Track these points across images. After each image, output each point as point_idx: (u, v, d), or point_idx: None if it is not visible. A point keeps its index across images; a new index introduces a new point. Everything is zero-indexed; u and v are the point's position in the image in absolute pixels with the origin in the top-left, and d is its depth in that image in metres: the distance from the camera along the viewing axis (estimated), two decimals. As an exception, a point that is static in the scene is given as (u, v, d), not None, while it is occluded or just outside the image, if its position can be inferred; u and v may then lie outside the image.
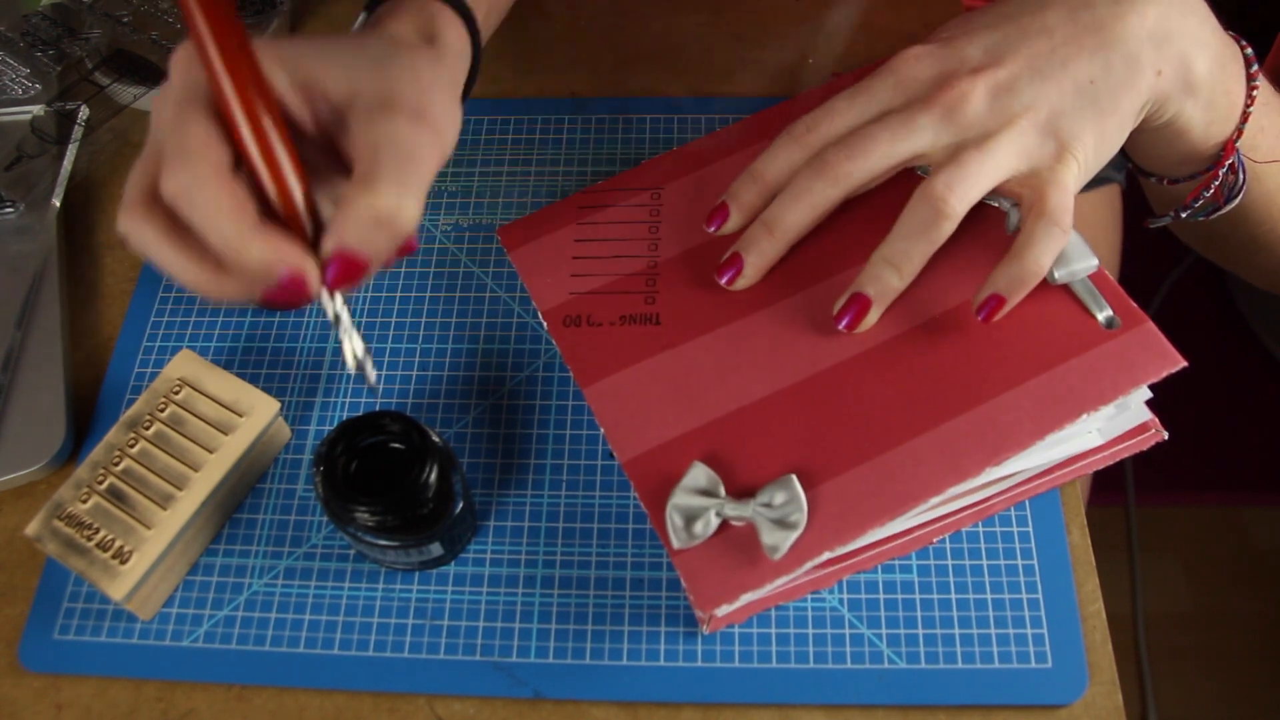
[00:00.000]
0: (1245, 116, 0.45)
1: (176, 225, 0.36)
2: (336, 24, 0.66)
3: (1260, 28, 0.62)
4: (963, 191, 0.42)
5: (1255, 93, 0.45)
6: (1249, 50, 0.46)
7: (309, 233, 0.36)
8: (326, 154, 0.38)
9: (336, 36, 0.40)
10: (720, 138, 0.53)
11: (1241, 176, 0.47)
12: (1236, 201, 0.48)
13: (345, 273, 0.36)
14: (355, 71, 0.37)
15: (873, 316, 0.44)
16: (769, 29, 0.63)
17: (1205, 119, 0.45)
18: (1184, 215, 0.50)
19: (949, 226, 0.42)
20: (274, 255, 0.34)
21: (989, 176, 0.42)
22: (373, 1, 0.44)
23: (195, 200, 0.34)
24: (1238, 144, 0.46)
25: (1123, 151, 0.49)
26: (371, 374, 0.38)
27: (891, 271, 0.43)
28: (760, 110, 0.53)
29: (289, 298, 0.36)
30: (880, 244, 0.43)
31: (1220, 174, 0.47)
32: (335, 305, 0.37)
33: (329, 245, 0.35)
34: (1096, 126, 0.42)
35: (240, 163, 0.36)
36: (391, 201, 0.35)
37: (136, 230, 0.36)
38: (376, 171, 0.35)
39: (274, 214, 0.36)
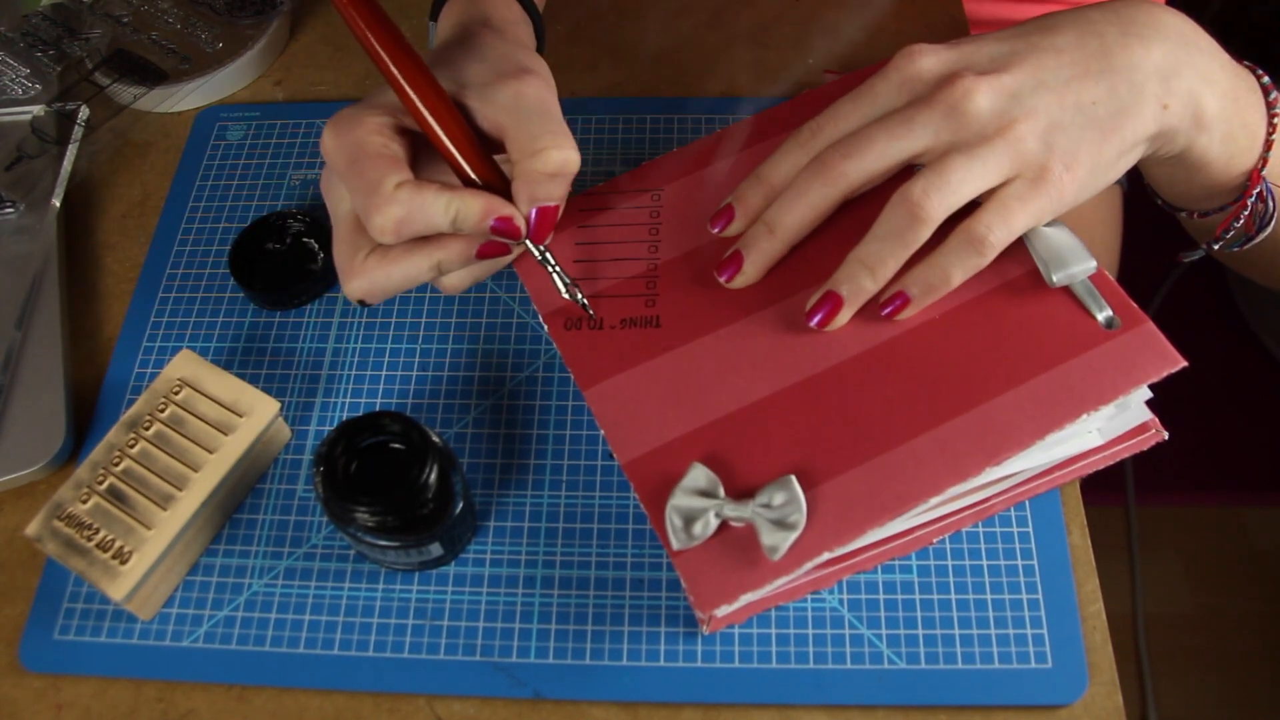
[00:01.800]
0: (1269, 145, 0.45)
1: (386, 252, 0.44)
2: (336, 24, 0.66)
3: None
4: (941, 198, 0.41)
5: (1277, 120, 0.45)
6: (1266, 79, 0.46)
7: (501, 192, 0.44)
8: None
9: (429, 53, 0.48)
10: (720, 138, 0.53)
11: (1272, 205, 0.47)
12: (1270, 230, 0.48)
13: (543, 223, 0.44)
14: (456, 67, 0.45)
15: (844, 316, 0.44)
16: (769, 29, 0.63)
17: (1225, 152, 0.44)
18: (1216, 247, 0.50)
19: (925, 231, 0.42)
20: (485, 205, 0.43)
21: (972, 184, 0.41)
22: (435, 9, 0.51)
23: (415, 214, 0.42)
24: (1264, 173, 0.46)
25: (1149, 186, 0.49)
26: (583, 299, 0.46)
27: (865, 273, 0.43)
28: (760, 110, 0.53)
29: (500, 246, 0.44)
30: (857, 245, 0.43)
31: (1249, 204, 0.47)
32: (541, 251, 0.46)
33: (524, 206, 0.44)
34: (1094, 147, 0.42)
35: (415, 167, 0.44)
36: (559, 156, 0.43)
37: (368, 281, 0.44)
38: (528, 135, 0.43)
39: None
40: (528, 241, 0.45)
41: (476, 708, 0.44)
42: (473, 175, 0.44)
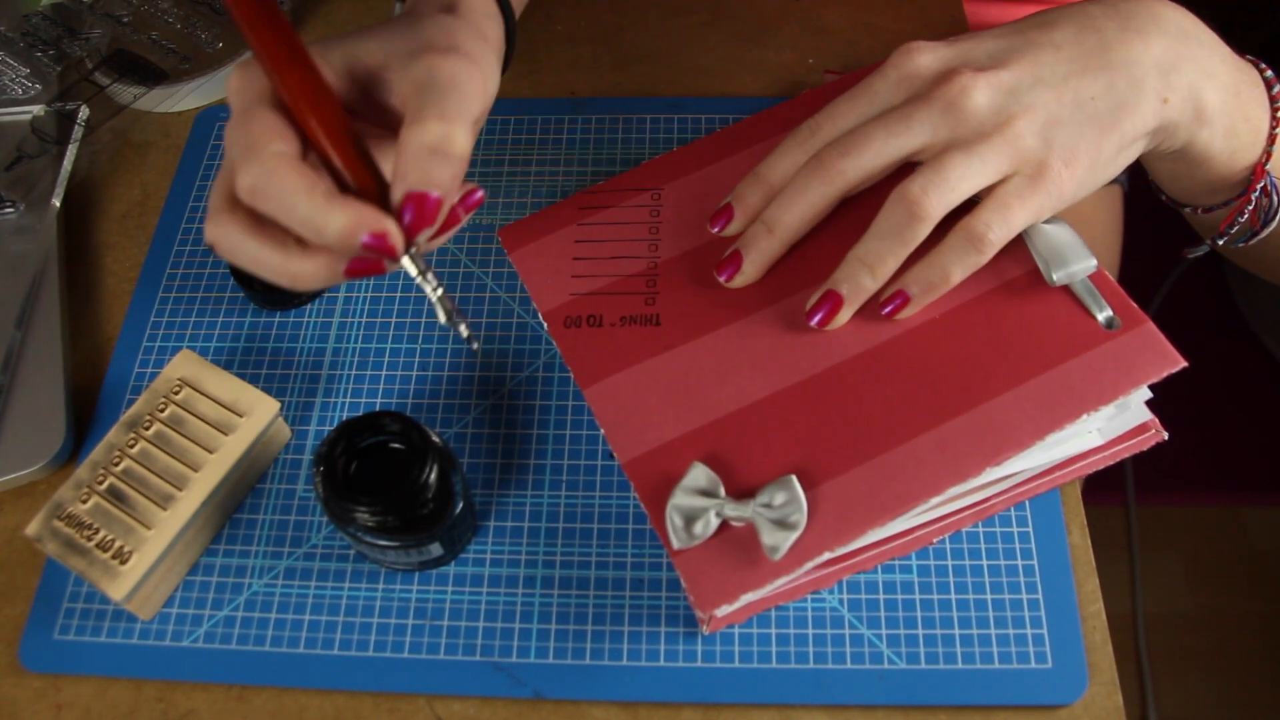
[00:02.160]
0: (1272, 139, 0.45)
1: (258, 221, 0.37)
2: (336, 24, 0.66)
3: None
4: (939, 195, 0.41)
5: None
6: (1269, 73, 0.46)
7: (380, 199, 0.37)
8: (380, 125, 0.40)
9: (372, 25, 0.43)
10: (720, 138, 0.53)
11: (1276, 199, 0.47)
12: (1275, 224, 0.48)
13: (419, 214, 0.36)
14: (388, 40, 0.40)
15: (844, 315, 0.44)
16: (769, 29, 0.63)
17: (1227, 147, 0.44)
18: (1220, 242, 0.49)
19: (924, 229, 0.42)
20: (355, 220, 0.35)
21: (971, 182, 0.41)
22: None
23: (270, 188, 0.36)
24: (1267, 167, 0.46)
25: (1153, 182, 0.49)
26: (465, 330, 0.39)
27: (865, 272, 0.43)
28: (760, 110, 0.53)
29: (374, 263, 0.37)
30: (856, 243, 0.43)
31: (1253, 198, 0.46)
32: (419, 265, 0.38)
33: (396, 193, 0.36)
34: (1093, 143, 0.42)
35: (308, 151, 0.38)
36: (439, 130, 0.36)
37: (222, 233, 0.38)
38: (421, 106, 0.37)
39: (347, 190, 0.37)
40: (406, 261, 0.37)
41: (476, 708, 0.44)
42: (348, 177, 0.37)
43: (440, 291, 0.39)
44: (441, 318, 0.39)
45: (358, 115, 0.40)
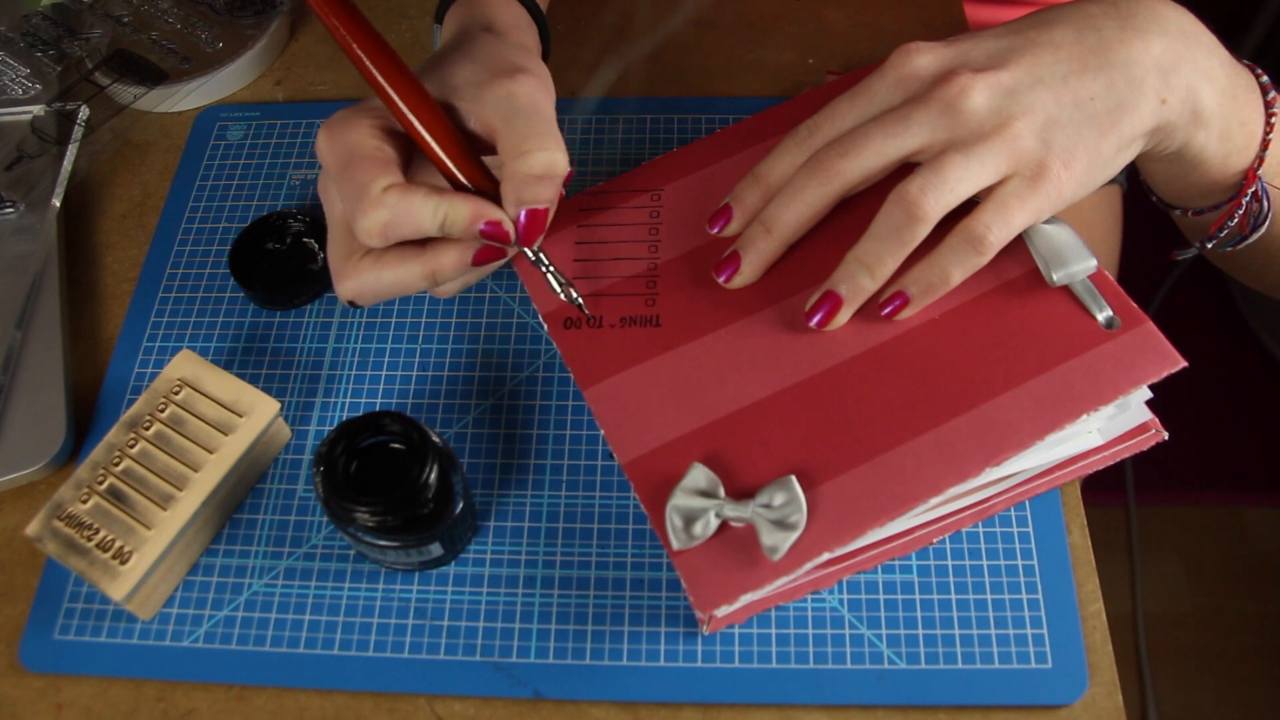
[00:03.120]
0: (1266, 144, 0.45)
1: (379, 255, 0.43)
2: (336, 24, 0.66)
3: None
4: (938, 196, 0.41)
5: (1275, 120, 0.45)
6: (1265, 78, 0.46)
7: (491, 194, 0.43)
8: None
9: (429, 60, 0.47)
10: (720, 138, 0.53)
11: (1266, 205, 0.47)
12: (1263, 230, 0.48)
13: (531, 225, 0.43)
14: (449, 73, 0.44)
15: (843, 316, 0.44)
16: (769, 29, 0.63)
17: (1221, 150, 0.44)
18: (1209, 245, 0.49)
19: (923, 230, 0.42)
20: (476, 209, 0.42)
21: (969, 182, 0.41)
22: (441, 12, 0.51)
23: (400, 216, 0.41)
24: (1259, 172, 0.46)
25: (1145, 183, 0.49)
26: (577, 298, 0.46)
27: (864, 272, 0.43)
28: (760, 110, 0.53)
29: (496, 250, 0.44)
30: (855, 244, 0.43)
31: (1244, 203, 0.46)
32: (534, 253, 0.45)
33: (511, 210, 0.43)
34: (1091, 144, 0.42)
35: (409, 172, 0.43)
36: (544, 159, 0.42)
37: (358, 283, 0.44)
38: (518, 136, 0.42)
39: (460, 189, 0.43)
40: (524, 248, 0.44)
41: (476, 708, 0.44)
42: (461, 179, 0.43)
43: (553, 268, 0.46)
44: (558, 290, 0.46)
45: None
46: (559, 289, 0.46)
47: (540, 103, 0.43)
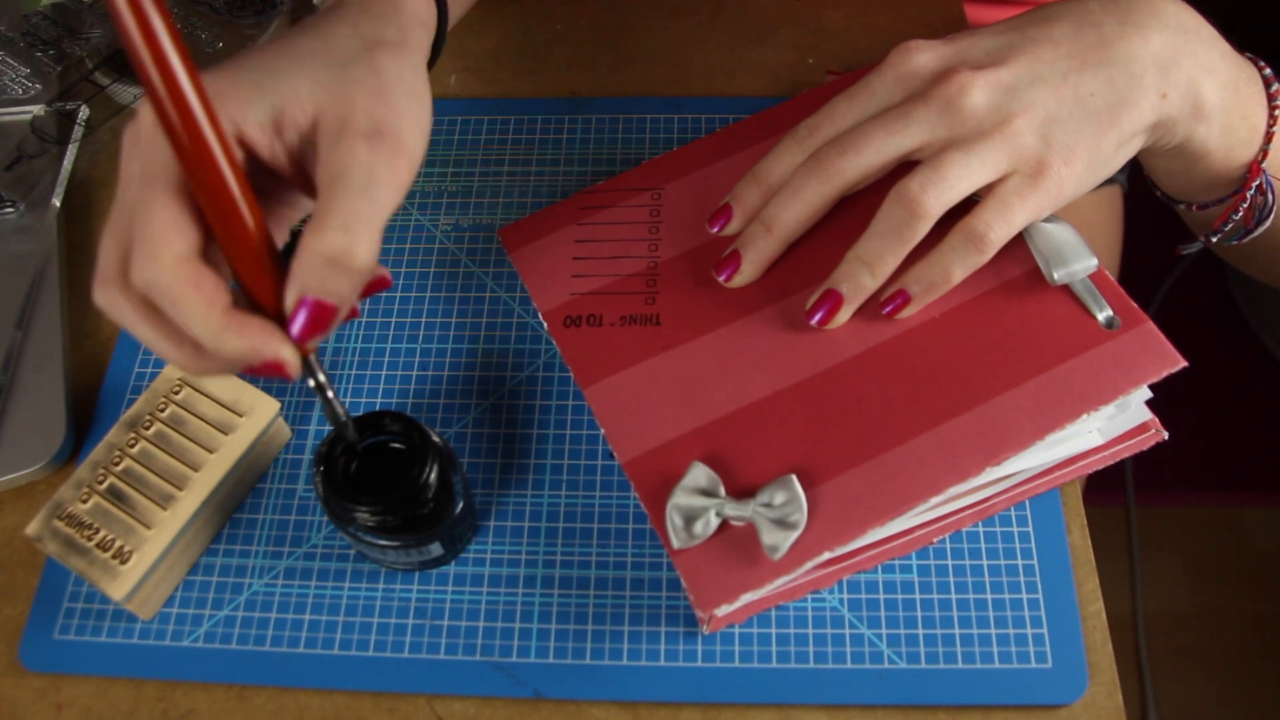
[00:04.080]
0: (1269, 137, 0.45)
1: (153, 306, 0.35)
2: (336, 24, 0.66)
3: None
4: (938, 193, 0.41)
5: (1278, 112, 0.45)
6: (1268, 70, 0.46)
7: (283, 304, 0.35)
8: (306, 185, 0.37)
9: (302, 36, 0.39)
10: (720, 138, 0.53)
11: (1271, 198, 0.47)
12: (1268, 223, 0.47)
13: (312, 322, 0.35)
14: (318, 87, 0.36)
15: (844, 314, 0.44)
16: (769, 29, 0.63)
17: (1224, 143, 0.44)
18: (1214, 239, 0.49)
19: (923, 227, 0.42)
20: (251, 346, 0.34)
21: (969, 180, 0.41)
22: None
23: (165, 296, 0.34)
24: (1263, 165, 0.45)
25: (1148, 178, 0.49)
26: (352, 435, 0.40)
27: (865, 270, 0.43)
28: (760, 110, 0.53)
29: (270, 376, 0.35)
30: (856, 242, 0.43)
31: (1248, 196, 0.46)
32: (317, 375, 0.37)
33: (290, 296, 0.34)
34: (1092, 140, 0.42)
35: (209, 243, 0.35)
36: (339, 242, 0.34)
37: (113, 306, 0.36)
38: (328, 210, 0.34)
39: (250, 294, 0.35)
40: (304, 372, 0.36)
41: (476, 708, 0.44)
42: (250, 290, 0.35)
43: (332, 394, 0.38)
44: (340, 415, 0.39)
45: (278, 169, 0.37)
46: (339, 413, 0.39)
47: (378, 179, 0.35)
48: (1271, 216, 0.47)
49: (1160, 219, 0.54)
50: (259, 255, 0.35)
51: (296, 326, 0.35)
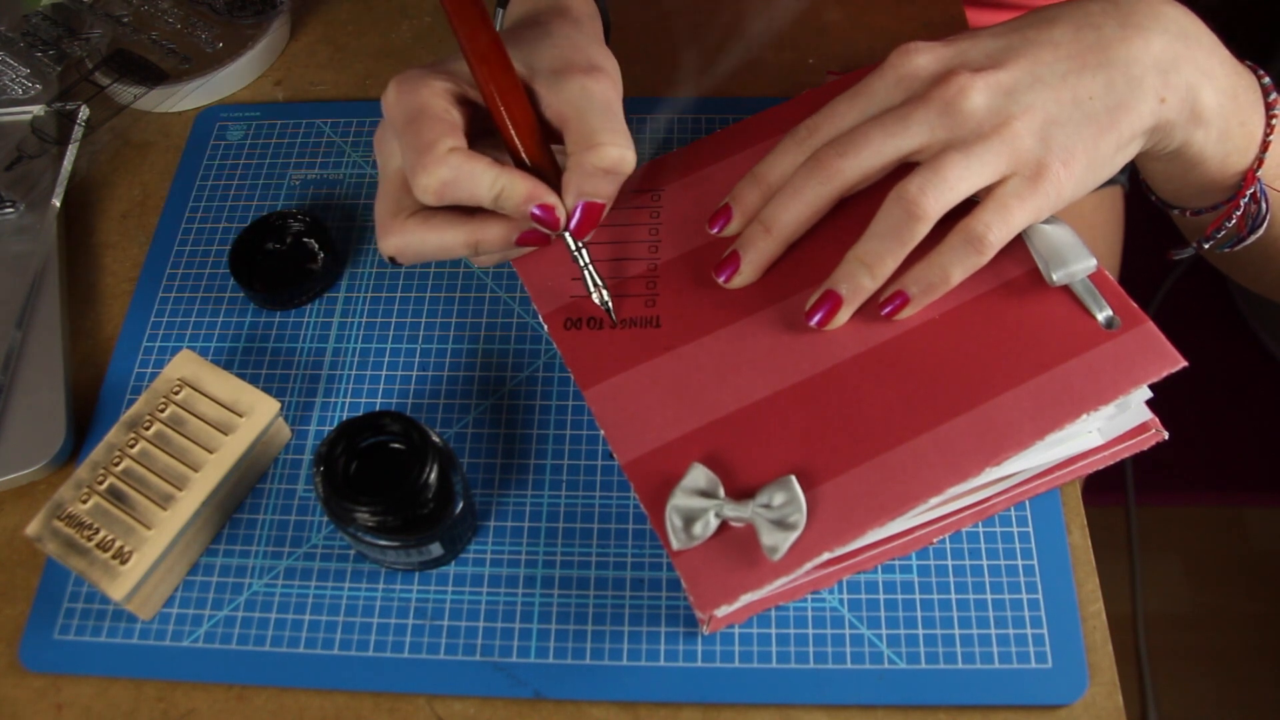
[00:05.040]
0: (1265, 146, 0.45)
1: (429, 217, 0.44)
2: (336, 24, 0.66)
3: None
4: (937, 195, 0.41)
5: (1275, 121, 0.45)
6: (1266, 79, 0.46)
7: (552, 180, 0.44)
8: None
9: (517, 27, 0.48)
10: (720, 138, 0.53)
11: (1264, 206, 0.47)
12: (1261, 231, 0.48)
13: (587, 218, 0.44)
14: (527, 54, 0.45)
15: (844, 315, 0.44)
16: (769, 29, 0.63)
17: (1221, 150, 0.44)
18: (1206, 246, 0.49)
19: (922, 229, 0.42)
20: (533, 189, 0.43)
21: (969, 182, 0.41)
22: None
23: (460, 177, 0.42)
24: (1259, 173, 0.45)
25: (1144, 182, 0.49)
26: (608, 300, 0.46)
27: (864, 271, 0.43)
28: (760, 110, 0.53)
29: (539, 236, 0.45)
30: (855, 243, 0.43)
31: (1241, 204, 0.46)
32: (578, 246, 0.45)
33: (570, 199, 0.44)
34: (1091, 143, 0.42)
35: (475, 140, 0.44)
36: (615, 154, 0.43)
37: (402, 240, 0.44)
38: (590, 130, 0.43)
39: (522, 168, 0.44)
40: (567, 235, 0.45)
41: (476, 708, 0.44)
42: (526, 158, 0.44)
43: (592, 266, 0.46)
44: (591, 291, 0.46)
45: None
46: (592, 289, 0.46)
47: (613, 101, 0.44)
48: (1265, 225, 0.47)
49: (1160, 220, 0.54)
50: (538, 137, 0.44)
51: (574, 223, 0.44)
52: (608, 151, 0.43)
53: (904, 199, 0.41)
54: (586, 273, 0.46)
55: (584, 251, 0.46)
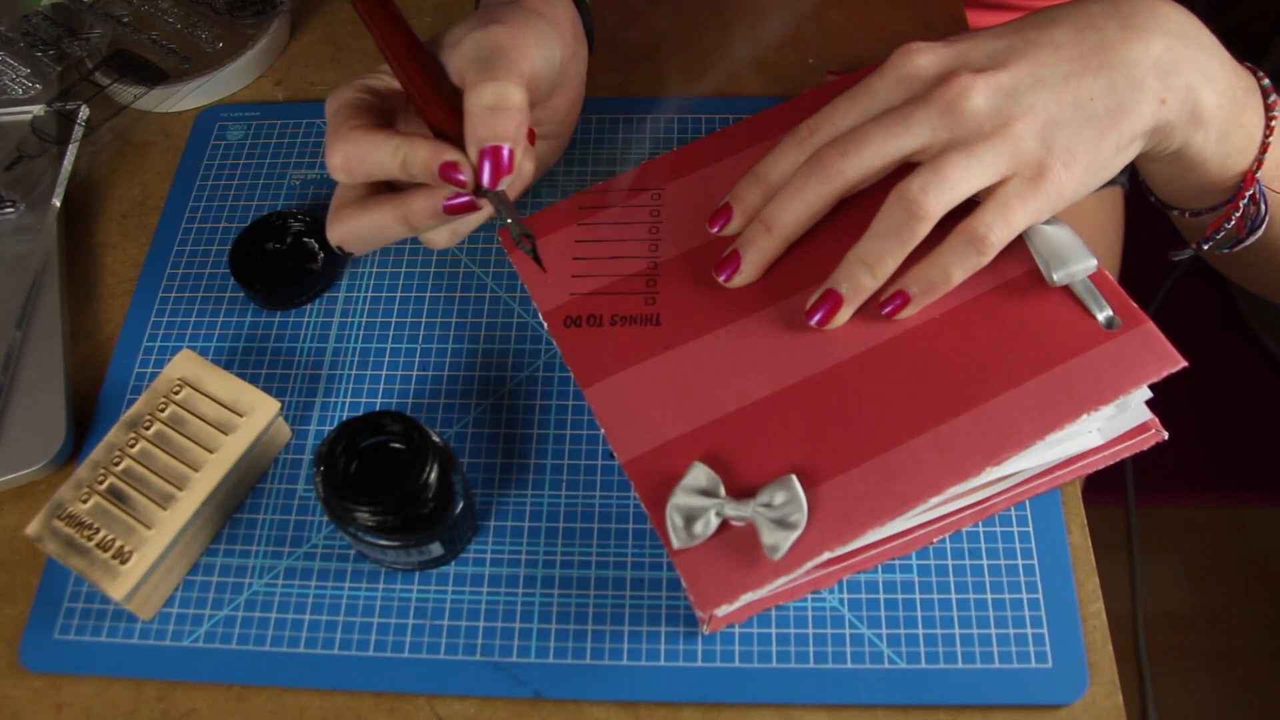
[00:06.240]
0: (1264, 148, 0.45)
1: (363, 203, 0.45)
2: (336, 24, 0.66)
3: None
4: (938, 195, 0.41)
5: (1275, 123, 0.45)
6: (1266, 81, 0.46)
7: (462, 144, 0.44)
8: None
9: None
10: (720, 138, 0.53)
11: (1263, 208, 0.47)
12: (1260, 233, 0.48)
13: (495, 164, 0.43)
14: (444, 30, 0.47)
15: (844, 315, 0.44)
16: (769, 29, 0.63)
17: (1220, 151, 0.44)
18: (1205, 247, 0.49)
19: (923, 228, 0.42)
20: (434, 149, 0.43)
21: (970, 182, 0.41)
22: None
23: (359, 150, 0.43)
24: (1258, 175, 0.45)
25: (1143, 182, 0.49)
26: (534, 249, 0.45)
27: (864, 271, 0.43)
28: (760, 110, 0.53)
29: (464, 202, 0.44)
30: (855, 243, 0.43)
31: (1241, 205, 0.46)
32: (495, 196, 0.44)
33: (472, 150, 0.43)
34: (1091, 144, 0.42)
35: (392, 122, 0.46)
36: (493, 89, 0.43)
37: (342, 228, 0.45)
38: (475, 74, 0.43)
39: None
40: (489, 195, 0.44)
41: (476, 708, 0.44)
42: (436, 126, 0.45)
43: (513, 216, 0.45)
44: (514, 235, 0.45)
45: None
46: (516, 236, 0.45)
47: (503, 45, 0.44)
48: (1263, 226, 0.47)
49: (1161, 220, 0.54)
50: (443, 105, 0.45)
51: (485, 174, 0.43)
52: (485, 89, 0.43)
53: (905, 199, 0.42)
54: (510, 223, 0.45)
55: (502, 198, 0.45)
